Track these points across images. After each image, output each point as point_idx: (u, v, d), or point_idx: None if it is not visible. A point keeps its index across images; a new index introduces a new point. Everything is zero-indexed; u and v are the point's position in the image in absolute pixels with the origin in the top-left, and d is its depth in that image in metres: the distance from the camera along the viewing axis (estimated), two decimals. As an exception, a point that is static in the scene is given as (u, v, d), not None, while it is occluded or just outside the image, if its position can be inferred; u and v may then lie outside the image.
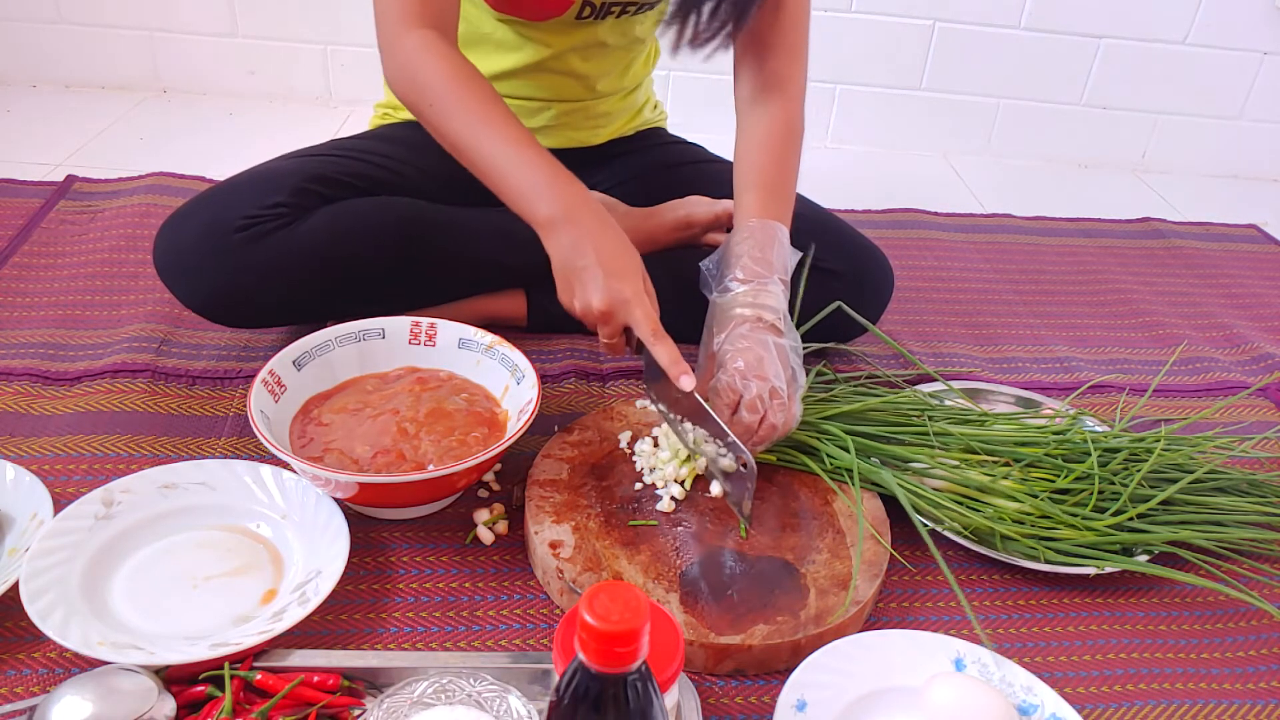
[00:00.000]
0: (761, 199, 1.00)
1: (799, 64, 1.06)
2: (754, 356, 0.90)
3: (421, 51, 0.92)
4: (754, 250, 0.96)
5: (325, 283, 1.03)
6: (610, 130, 1.26)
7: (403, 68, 0.93)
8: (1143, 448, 0.99)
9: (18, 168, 1.56)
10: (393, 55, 0.94)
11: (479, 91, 0.91)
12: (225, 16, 1.86)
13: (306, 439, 0.90)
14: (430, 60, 0.92)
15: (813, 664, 0.76)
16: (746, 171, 1.03)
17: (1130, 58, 1.95)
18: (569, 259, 0.87)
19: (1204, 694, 0.83)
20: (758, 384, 0.88)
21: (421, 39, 0.92)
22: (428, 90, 0.92)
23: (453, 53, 0.94)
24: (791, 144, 1.05)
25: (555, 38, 1.10)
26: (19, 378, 1.06)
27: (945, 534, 0.93)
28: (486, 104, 0.91)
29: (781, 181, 1.03)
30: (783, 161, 1.03)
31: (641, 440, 0.98)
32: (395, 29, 0.93)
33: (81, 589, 0.77)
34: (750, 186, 1.01)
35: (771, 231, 0.97)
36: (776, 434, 0.90)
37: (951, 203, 1.79)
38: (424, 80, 0.92)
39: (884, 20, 1.90)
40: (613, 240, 0.87)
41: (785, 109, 1.04)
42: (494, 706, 0.64)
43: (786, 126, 1.04)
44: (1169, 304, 1.48)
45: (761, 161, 1.03)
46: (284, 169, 1.05)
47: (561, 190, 0.88)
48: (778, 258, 0.96)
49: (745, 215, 0.99)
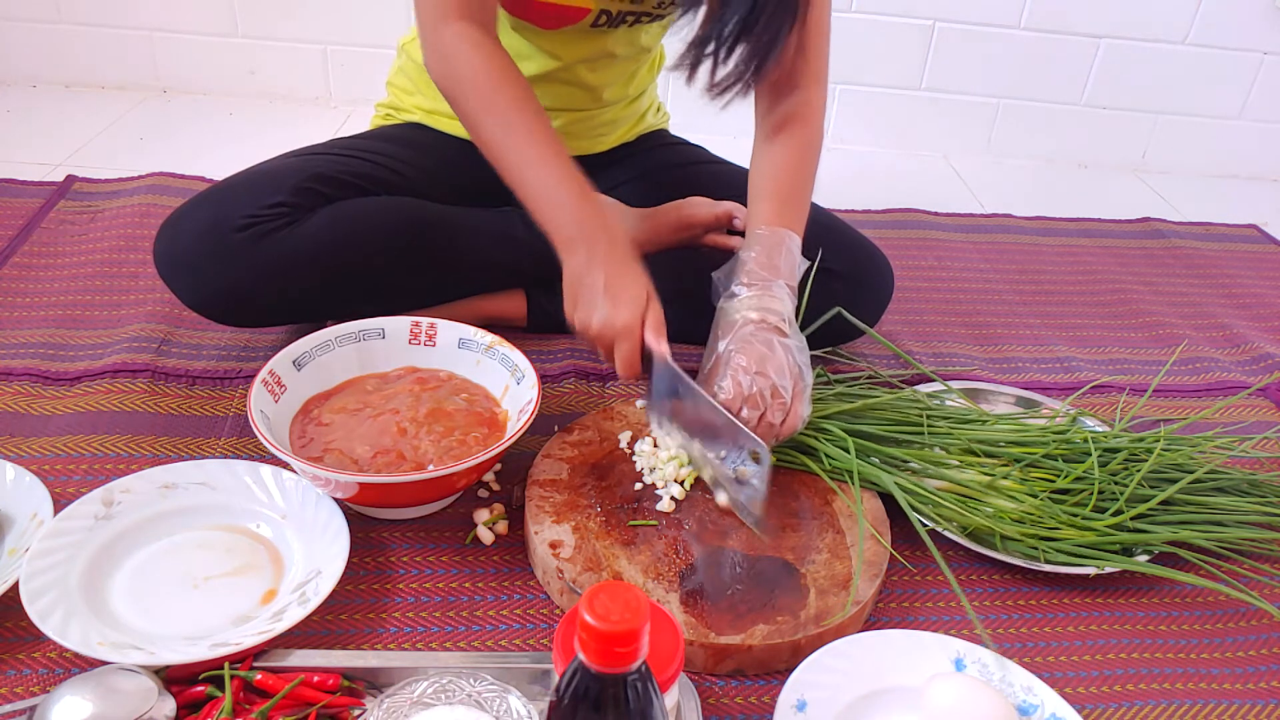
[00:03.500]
0: (773, 207, 1.00)
1: (820, 94, 1.06)
2: (756, 355, 0.90)
3: (459, 43, 0.93)
4: (761, 256, 0.96)
5: (326, 282, 1.03)
6: (615, 138, 1.27)
7: (441, 60, 0.95)
8: (1143, 448, 0.99)
9: (17, 168, 1.56)
10: (432, 46, 0.95)
11: (513, 91, 0.93)
12: (225, 16, 1.86)
13: (306, 439, 0.90)
14: (467, 53, 0.93)
15: (813, 664, 0.76)
16: (761, 181, 1.03)
17: (1130, 58, 1.95)
18: (579, 276, 0.90)
19: (1204, 694, 0.83)
20: (760, 381, 0.89)
21: (460, 31, 0.93)
22: (463, 84, 0.93)
23: (492, 47, 0.94)
24: (809, 158, 1.05)
25: (565, 48, 1.10)
26: (19, 377, 1.06)
27: (945, 534, 0.93)
28: (520, 105, 0.92)
29: (795, 191, 1.03)
30: (799, 173, 1.04)
31: (641, 440, 0.98)
32: (435, 20, 0.94)
33: (81, 589, 0.77)
34: (764, 195, 1.02)
35: (780, 238, 0.98)
36: (775, 432, 0.90)
37: (951, 203, 1.79)
38: (461, 74, 0.93)
39: (884, 20, 1.90)
40: (623, 267, 0.90)
41: (805, 132, 1.05)
42: (494, 706, 0.64)
43: (805, 143, 1.05)
44: (1169, 304, 1.48)
45: (778, 173, 1.03)
46: (285, 168, 1.05)
47: (583, 209, 0.91)
48: (784, 263, 0.97)
49: (757, 221, 1.00)
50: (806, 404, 0.92)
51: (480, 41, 0.94)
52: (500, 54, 0.95)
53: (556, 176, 0.91)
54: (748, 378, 0.89)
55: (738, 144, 1.68)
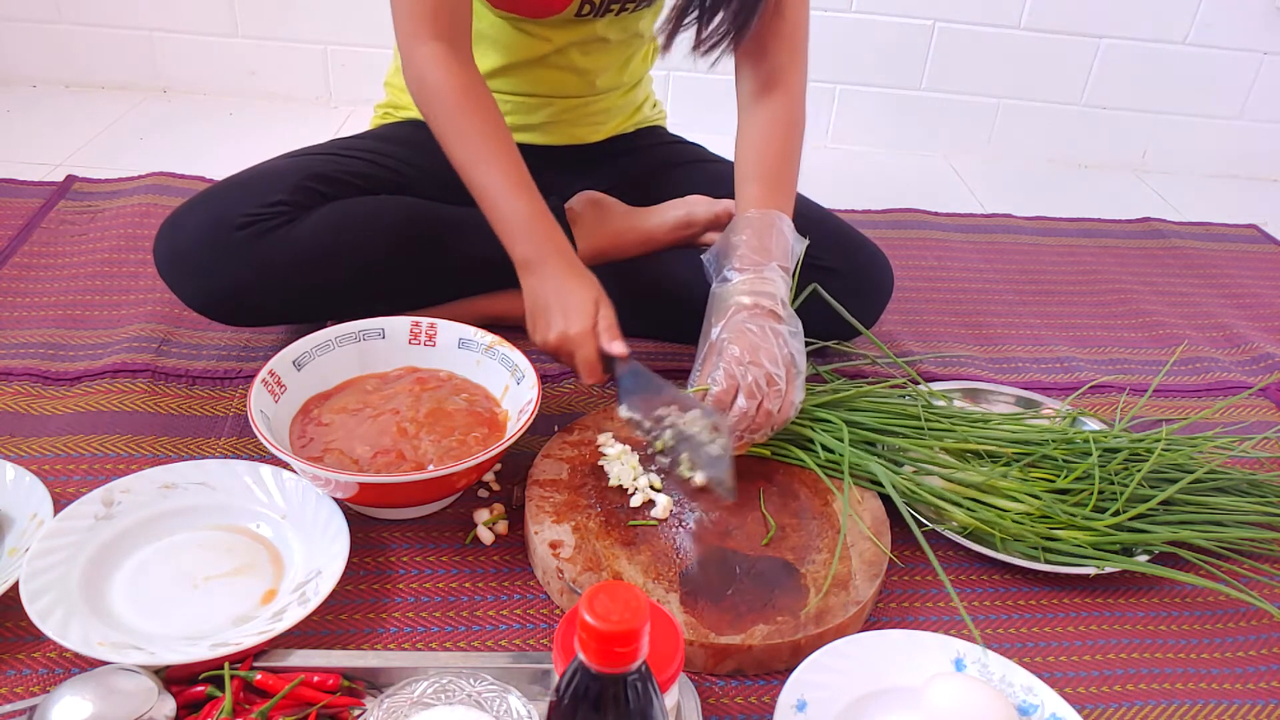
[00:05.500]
0: (761, 189, 1.01)
1: (799, 61, 1.07)
2: (750, 343, 0.91)
3: (432, 65, 0.95)
4: (752, 239, 0.97)
5: (326, 282, 1.03)
6: (610, 127, 1.26)
7: (415, 80, 0.97)
8: (1143, 448, 0.99)
9: (17, 168, 1.56)
10: (408, 64, 0.98)
11: (482, 114, 0.96)
12: (225, 16, 1.86)
13: (306, 439, 0.90)
14: (439, 75, 0.95)
15: (813, 664, 0.76)
16: (747, 163, 1.04)
17: (1130, 58, 1.95)
18: (534, 298, 0.95)
19: (1204, 694, 0.83)
20: (754, 370, 0.89)
21: (433, 52, 0.95)
22: (435, 104, 0.96)
23: (462, 68, 0.97)
24: (793, 136, 1.06)
25: (555, 33, 1.10)
26: (19, 377, 1.06)
27: (945, 534, 0.93)
28: (487, 129, 0.95)
29: (782, 172, 1.04)
30: (784, 153, 1.05)
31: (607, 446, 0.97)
32: (410, 40, 0.96)
33: (81, 589, 0.77)
34: (751, 178, 1.03)
35: (771, 219, 0.98)
36: (773, 420, 0.90)
37: (951, 203, 1.79)
38: (432, 94, 0.96)
39: (884, 20, 1.90)
40: (569, 280, 0.93)
41: (786, 104, 1.06)
42: (494, 707, 0.64)
43: (788, 120, 1.06)
44: (1169, 304, 1.48)
45: (762, 153, 1.04)
46: (285, 167, 1.05)
47: (538, 233, 0.94)
48: (777, 245, 0.97)
49: (745, 205, 1.01)
50: (800, 390, 0.93)
51: (451, 64, 0.96)
52: (470, 77, 0.97)
53: (517, 201, 0.94)
54: (741, 367, 0.90)
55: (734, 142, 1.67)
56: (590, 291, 0.93)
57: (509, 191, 0.94)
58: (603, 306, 0.93)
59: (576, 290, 0.93)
